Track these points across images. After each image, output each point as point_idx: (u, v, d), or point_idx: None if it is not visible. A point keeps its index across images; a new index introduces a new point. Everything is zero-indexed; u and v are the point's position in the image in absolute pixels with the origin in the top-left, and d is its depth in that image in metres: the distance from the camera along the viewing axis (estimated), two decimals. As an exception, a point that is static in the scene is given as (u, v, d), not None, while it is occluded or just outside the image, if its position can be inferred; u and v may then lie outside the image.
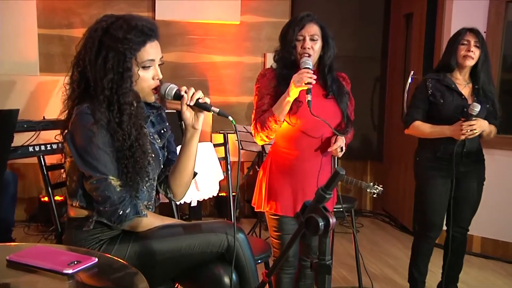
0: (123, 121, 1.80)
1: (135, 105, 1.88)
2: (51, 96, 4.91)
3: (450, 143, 3.06)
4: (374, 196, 3.67)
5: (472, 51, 3.05)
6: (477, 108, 2.92)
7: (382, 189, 3.58)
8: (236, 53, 5.49)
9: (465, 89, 3.13)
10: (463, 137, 2.99)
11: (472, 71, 3.13)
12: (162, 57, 1.92)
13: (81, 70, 1.84)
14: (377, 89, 5.83)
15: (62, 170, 2.04)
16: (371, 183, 3.67)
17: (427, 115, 3.16)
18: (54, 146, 3.92)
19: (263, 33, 5.49)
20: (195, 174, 2.14)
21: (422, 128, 3.13)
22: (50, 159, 2.30)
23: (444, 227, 3.29)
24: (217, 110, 1.89)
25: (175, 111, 1.96)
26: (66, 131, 1.88)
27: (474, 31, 3.08)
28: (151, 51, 1.85)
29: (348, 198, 3.93)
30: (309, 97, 2.35)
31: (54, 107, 4.73)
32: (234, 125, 1.91)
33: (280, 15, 5.44)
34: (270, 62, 4.72)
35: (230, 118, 1.88)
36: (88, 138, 1.78)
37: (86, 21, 5.08)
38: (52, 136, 2.17)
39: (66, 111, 1.91)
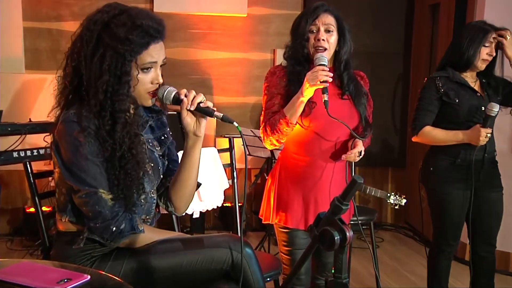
0: (115, 130, 1.79)
1: (132, 112, 1.88)
2: (38, 96, 4.93)
3: (471, 148, 3.03)
4: (396, 207, 3.66)
5: (491, 55, 3.05)
6: (495, 108, 2.91)
7: (405, 200, 3.57)
8: (243, 49, 5.50)
9: (476, 85, 3.12)
10: (482, 142, 2.97)
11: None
12: (165, 58, 1.90)
13: (75, 65, 1.83)
14: (399, 88, 5.82)
15: (50, 178, 2.05)
16: (393, 193, 3.66)
17: (438, 118, 3.11)
18: (42, 151, 3.93)
19: (273, 26, 5.50)
20: (198, 185, 2.14)
21: (433, 134, 3.08)
22: (37, 166, 2.32)
23: (465, 240, 3.26)
24: (220, 115, 1.88)
25: (175, 112, 1.95)
26: (52, 139, 1.88)
27: (496, 29, 3.06)
28: (154, 53, 1.84)
29: (366, 209, 3.93)
30: (325, 97, 2.35)
31: (41, 108, 4.75)
32: (240, 131, 1.91)
33: (292, 6, 5.45)
34: (280, 58, 4.72)
35: (235, 123, 1.88)
36: (75, 148, 1.77)
37: (77, 13, 5.12)
38: (39, 140, 2.19)
39: (58, 110, 1.90)
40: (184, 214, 2.24)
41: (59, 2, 5.19)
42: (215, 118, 1.89)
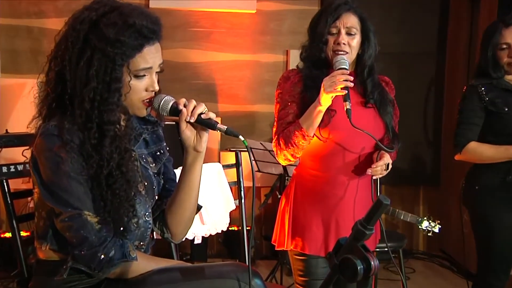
0: (103, 145, 1.79)
1: (123, 123, 1.89)
2: (17, 104, 4.95)
3: None
4: (429, 234, 3.64)
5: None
6: None
7: (439, 226, 3.55)
8: (251, 49, 5.52)
9: None
10: None
11: None
12: (162, 63, 1.90)
13: (59, 69, 1.84)
14: (431, 94, 5.82)
15: (30, 199, 2.05)
16: (425, 218, 3.64)
17: (484, 130, 3.09)
18: (20, 167, 3.93)
19: (286, 24, 5.53)
20: (199, 208, 2.13)
21: (480, 150, 3.06)
22: (15, 184, 2.32)
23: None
24: (224, 128, 1.89)
25: (174, 123, 1.95)
26: (31, 154, 1.88)
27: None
28: (149, 57, 1.84)
29: (395, 235, 3.92)
30: (348, 105, 2.35)
31: (20, 117, 4.77)
32: (247, 146, 1.91)
33: (308, 1, 5.47)
34: (294, 60, 4.72)
35: (241, 137, 1.88)
36: (55, 165, 1.77)
37: (61, 9, 5.15)
38: (17, 154, 2.18)
39: (40, 120, 1.90)
40: (184, 239, 2.24)
41: (40, -5, 5.23)
42: (218, 131, 1.89)
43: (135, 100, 1.87)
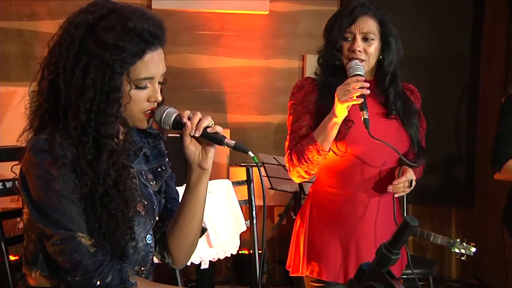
0: (99, 161, 1.79)
1: (122, 137, 1.89)
2: (6, 114, 4.98)
3: None
4: (463, 258, 3.62)
5: None
6: None
7: (474, 249, 3.53)
8: (264, 54, 5.54)
9: None
10: None
11: None
12: (165, 72, 1.91)
13: (52, 78, 1.84)
14: (464, 103, 5.79)
15: (19, 219, 2.05)
16: (458, 240, 3.62)
17: None
18: (9, 184, 3.96)
19: (301, 26, 5.54)
20: (203, 230, 2.14)
21: None
22: (3, 203, 2.34)
23: None
24: (232, 143, 1.89)
25: (178, 135, 1.95)
26: (20, 171, 1.89)
27: None
28: (151, 65, 1.84)
29: (424, 260, 3.90)
30: (365, 114, 2.35)
31: (9, 129, 4.80)
32: (256, 163, 1.91)
33: (325, 1, 5.49)
34: (311, 67, 4.72)
35: (250, 153, 1.88)
36: (45, 183, 1.77)
37: (55, 10, 5.19)
38: (6, 170, 2.20)
39: (31, 133, 1.91)
40: (188, 263, 2.24)
41: (33, -4, 5.26)
42: (225, 146, 1.89)
43: (136, 111, 1.87)
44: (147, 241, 2.01)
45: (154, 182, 2.09)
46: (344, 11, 2.54)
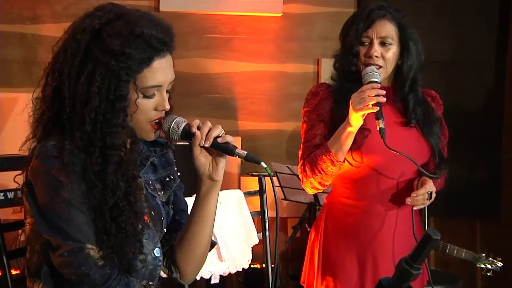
0: (107, 172, 1.80)
1: (129, 146, 1.90)
2: (7, 122, 5.01)
3: None
4: (489, 274, 3.60)
5: None
6: None
7: (501, 264, 3.51)
8: (277, 58, 5.55)
9: None
10: None
11: None
12: (174, 80, 1.92)
13: (56, 85, 1.85)
14: (488, 110, 5.76)
15: (21, 231, 2.05)
16: (483, 254, 3.60)
17: None
18: (11, 195, 3.98)
19: (317, 29, 5.54)
20: (213, 244, 2.14)
21: None
22: (5, 214, 2.34)
23: None
24: (243, 153, 1.89)
25: (187, 143, 1.95)
26: (25, 179, 1.90)
27: None
28: (159, 72, 1.84)
29: (447, 275, 3.87)
30: (381, 124, 2.34)
31: (11, 137, 4.82)
32: (269, 174, 1.91)
33: (342, 3, 5.49)
34: (326, 72, 4.72)
35: (263, 164, 1.88)
36: (54, 190, 1.78)
37: (59, 13, 5.22)
38: (8, 180, 2.20)
39: (34, 142, 1.91)
40: (198, 277, 2.24)
41: (36, -2, 5.28)
42: (237, 157, 1.90)
43: (143, 121, 1.88)
44: (155, 254, 2.01)
45: (162, 192, 2.10)
46: (360, 14, 2.54)
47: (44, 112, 1.89)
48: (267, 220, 3.11)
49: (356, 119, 2.35)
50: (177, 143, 2.12)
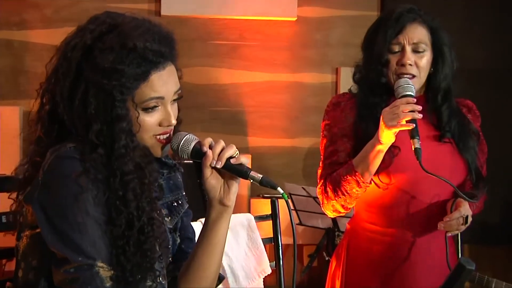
0: (128, 199, 1.80)
1: (144, 166, 1.89)
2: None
3: None
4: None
5: None
6: None
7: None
8: (291, 67, 5.56)
9: None
10: None
11: None
12: (180, 89, 1.92)
13: (51, 108, 1.86)
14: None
15: (5, 261, 2.04)
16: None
17: None
18: (4, 219, 3.99)
19: (335, 34, 5.56)
20: (220, 279, 2.13)
21: None
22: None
23: None
24: (258, 177, 1.88)
25: (192, 161, 1.95)
26: (28, 188, 1.88)
27: None
28: (159, 84, 1.84)
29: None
30: (417, 143, 2.31)
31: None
32: (286, 200, 1.90)
33: (363, 5, 5.50)
34: (346, 82, 4.71)
35: (279, 190, 1.87)
36: (72, 196, 1.77)
37: (49, 18, 5.23)
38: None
39: (28, 164, 1.91)
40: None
41: (23, 2, 5.30)
42: (251, 180, 1.90)
43: (147, 139, 1.88)
44: (162, 280, 2.00)
45: (169, 218, 2.09)
46: (388, 19, 2.52)
47: (42, 139, 1.89)
48: (280, 247, 3.09)
49: (387, 137, 2.33)
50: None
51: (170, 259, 2.09)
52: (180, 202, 2.13)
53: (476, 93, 2.73)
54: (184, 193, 2.15)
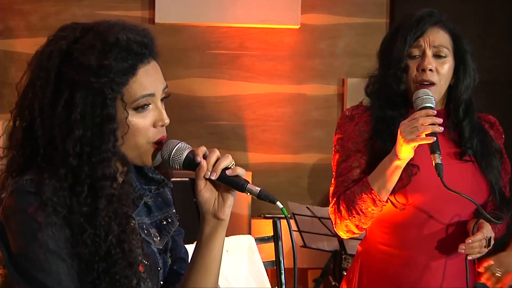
0: (98, 209, 1.78)
1: (121, 178, 1.89)
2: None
3: None
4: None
5: None
6: None
7: None
8: (294, 78, 5.56)
9: None
10: None
11: None
12: (166, 86, 1.91)
13: (26, 125, 1.86)
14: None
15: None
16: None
17: None
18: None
19: (342, 43, 5.55)
20: (217, 303, 2.12)
21: None
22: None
23: None
24: (256, 190, 1.87)
25: (187, 179, 1.95)
26: None
27: None
28: (147, 80, 1.85)
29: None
30: (437, 158, 2.29)
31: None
32: (286, 216, 1.89)
33: (371, 13, 5.48)
34: (353, 94, 4.72)
35: (278, 204, 1.86)
36: (30, 233, 1.76)
37: (35, 26, 5.24)
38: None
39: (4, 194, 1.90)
40: None
41: (8, 8, 5.31)
42: (248, 193, 1.89)
43: (142, 144, 1.87)
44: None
45: (159, 238, 2.08)
46: (407, 23, 2.51)
47: (14, 158, 1.89)
48: (283, 271, 3.08)
49: (406, 152, 2.31)
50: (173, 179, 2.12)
51: (161, 282, 2.08)
52: (170, 220, 2.11)
53: (498, 107, 2.70)
54: (174, 210, 2.13)
